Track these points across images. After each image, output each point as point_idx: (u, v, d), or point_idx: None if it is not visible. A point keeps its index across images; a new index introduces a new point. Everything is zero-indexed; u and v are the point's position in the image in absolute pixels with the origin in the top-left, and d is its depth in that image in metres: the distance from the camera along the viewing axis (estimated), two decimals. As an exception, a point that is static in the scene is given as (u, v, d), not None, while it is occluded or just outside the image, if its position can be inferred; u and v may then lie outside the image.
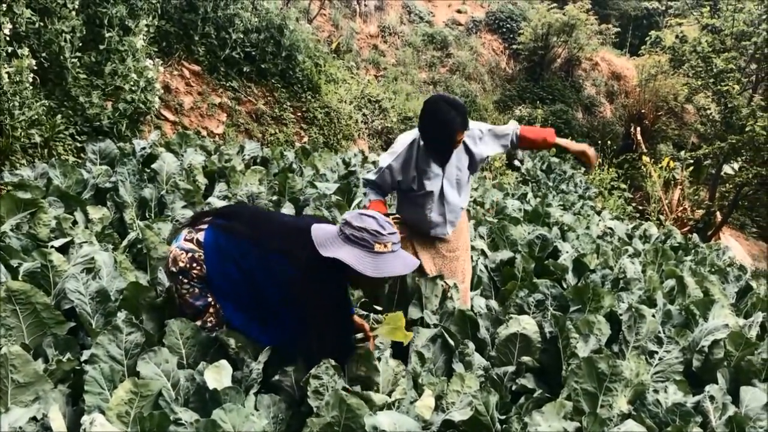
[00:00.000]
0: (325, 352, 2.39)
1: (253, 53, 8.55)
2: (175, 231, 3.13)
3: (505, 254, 4.43)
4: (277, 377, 2.42)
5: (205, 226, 2.58)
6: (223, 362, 2.33)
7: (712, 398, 2.65)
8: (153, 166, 4.80)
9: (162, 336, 2.62)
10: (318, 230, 2.47)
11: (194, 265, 2.52)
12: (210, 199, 4.49)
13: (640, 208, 13.74)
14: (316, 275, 2.40)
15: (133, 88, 5.87)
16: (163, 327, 2.73)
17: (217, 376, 2.28)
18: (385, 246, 2.41)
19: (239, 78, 8.51)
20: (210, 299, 2.59)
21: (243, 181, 4.99)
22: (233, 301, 2.57)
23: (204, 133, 7.53)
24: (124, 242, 3.60)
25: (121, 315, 2.52)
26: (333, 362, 2.37)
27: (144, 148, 5.21)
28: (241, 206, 3.98)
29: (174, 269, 2.55)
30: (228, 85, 8.32)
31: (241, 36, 8.25)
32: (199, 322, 2.59)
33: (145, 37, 6.24)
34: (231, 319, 2.59)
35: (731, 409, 2.59)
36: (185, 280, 2.55)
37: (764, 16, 12.93)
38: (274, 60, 8.81)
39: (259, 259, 2.46)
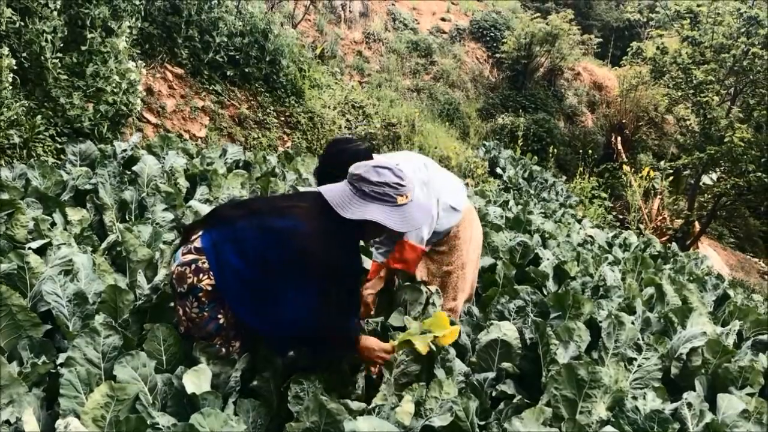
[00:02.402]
0: (333, 322, 2.31)
1: (237, 57, 8.52)
2: (172, 253, 3.00)
3: (486, 261, 4.44)
4: (255, 382, 2.40)
5: (198, 235, 2.43)
6: (203, 366, 2.31)
7: (689, 405, 2.67)
8: (134, 168, 4.75)
9: (141, 340, 2.60)
10: (329, 192, 2.36)
11: (201, 276, 2.34)
12: (191, 203, 4.45)
13: (621, 216, 13.89)
14: (335, 238, 2.31)
15: (114, 90, 5.81)
16: (143, 331, 2.71)
17: (196, 380, 2.26)
18: (406, 197, 2.36)
19: (222, 82, 8.48)
20: (221, 320, 2.42)
21: (225, 184, 4.96)
22: (240, 296, 2.38)
23: (186, 136, 7.48)
24: (104, 244, 3.56)
25: (99, 318, 2.49)
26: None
27: (125, 150, 5.17)
28: (233, 202, 3.90)
29: (182, 289, 2.37)
30: (211, 88, 8.28)
31: (225, 40, 8.22)
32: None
33: (127, 39, 6.19)
34: (242, 319, 2.43)
35: (708, 416, 2.61)
36: (195, 302, 2.37)
37: (743, 30, 13.15)
38: (258, 64, 8.78)
39: (257, 230, 2.33)
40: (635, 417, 2.56)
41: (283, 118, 9.14)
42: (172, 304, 2.59)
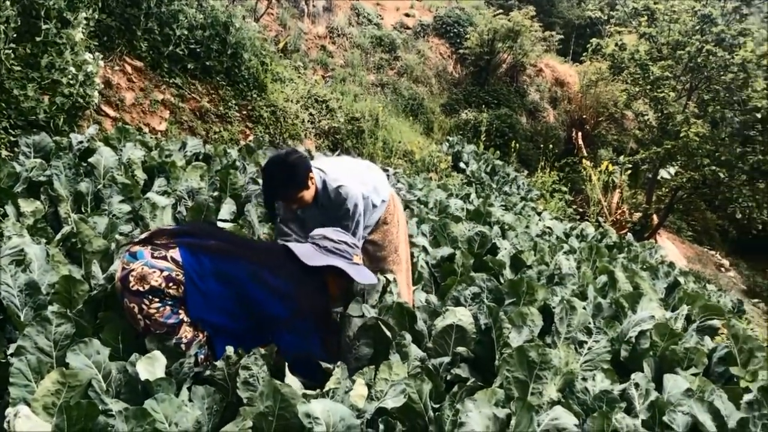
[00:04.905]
0: (323, 351, 2.66)
1: (198, 50, 8.43)
2: (121, 247, 3.16)
3: (445, 250, 4.50)
4: (208, 372, 2.41)
5: (172, 245, 2.51)
6: (157, 353, 2.31)
7: (637, 385, 2.76)
8: (90, 160, 4.68)
9: (96, 328, 2.58)
10: (297, 247, 2.73)
11: (171, 284, 2.44)
12: (149, 195, 4.41)
13: (581, 210, 14.13)
14: (308, 285, 2.64)
15: (71, 82, 5.70)
16: (97, 320, 2.70)
17: (150, 367, 2.26)
18: (359, 257, 2.81)
19: (183, 75, 8.37)
20: (182, 315, 2.48)
21: (183, 176, 4.93)
22: (217, 316, 2.54)
23: (146, 130, 7.37)
24: (58, 236, 3.51)
25: (52, 307, 2.46)
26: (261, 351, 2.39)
27: (81, 142, 5.08)
28: (203, 224, 4.00)
29: (141, 288, 2.42)
30: (171, 81, 8.17)
31: (186, 32, 8.11)
32: (173, 340, 2.47)
33: (84, 30, 6.08)
34: (215, 332, 2.57)
35: (654, 395, 2.71)
36: (155, 300, 2.44)
37: (697, 27, 13.48)
38: (220, 58, 8.70)
39: (254, 279, 2.53)
40: (585, 397, 2.65)
41: (245, 112, 9.08)
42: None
